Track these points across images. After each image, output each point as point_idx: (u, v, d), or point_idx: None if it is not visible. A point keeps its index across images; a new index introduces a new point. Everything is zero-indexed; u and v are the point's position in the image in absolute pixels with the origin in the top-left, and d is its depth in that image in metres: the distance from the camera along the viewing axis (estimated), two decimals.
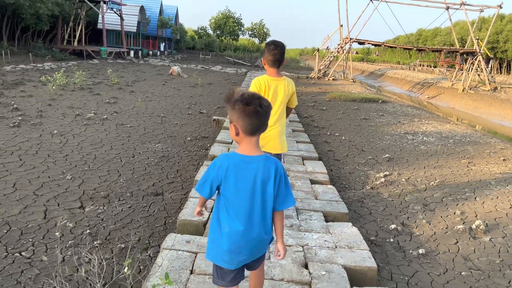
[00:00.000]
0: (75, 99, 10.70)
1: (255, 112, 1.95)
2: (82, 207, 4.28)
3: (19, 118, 7.88)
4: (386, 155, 7.26)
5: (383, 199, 5.21)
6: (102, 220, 4.01)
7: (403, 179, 5.99)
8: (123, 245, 3.51)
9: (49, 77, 11.63)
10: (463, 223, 4.52)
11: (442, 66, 43.51)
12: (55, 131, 7.14)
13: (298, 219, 3.90)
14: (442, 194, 5.45)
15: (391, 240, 4.02)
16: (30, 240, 3.51)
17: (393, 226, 4.28)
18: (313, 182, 5.12)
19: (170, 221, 4.11)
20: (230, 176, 2.00)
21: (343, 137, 8.75)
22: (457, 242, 4.09)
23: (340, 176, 6.06)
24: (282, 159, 3.68)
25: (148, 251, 3.50)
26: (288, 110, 3.71)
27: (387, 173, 6.23)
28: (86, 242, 3.53)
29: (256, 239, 2.07)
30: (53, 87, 11.26)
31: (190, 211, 3.84)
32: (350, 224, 3.85)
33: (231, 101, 2.00)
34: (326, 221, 3.98)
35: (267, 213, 2.07)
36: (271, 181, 2.02)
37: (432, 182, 5.91)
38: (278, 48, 3.37)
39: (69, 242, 3.48)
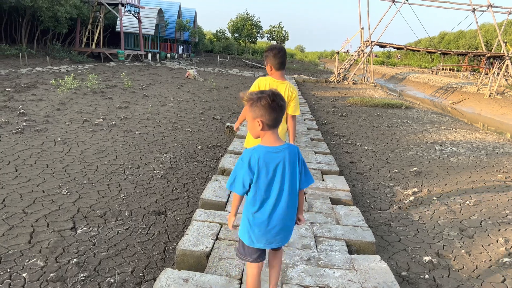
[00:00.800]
0: (86, 103, 10.37)
1: (280, 107, 2.18)
2: (74, 228, 3.82)
3: (24, 123, 7.55)
4: (414, 168, 6.64)
5: (413, 221, 4.61)
6: (94, 245, 3.53)
7: (434, 198, 5.37)
8: (112, 280, 3.02)
9: (61, 80, 11.34)
10: (509, 255, 3.89)
11: (466, 70, 42.19)
12: (59, 138, 6.75)
13: (317, 250, 3.35)
14: (480, 217, 4.81)
15: (426, 276, 3.43)
16: (8, 270, 3.06)
17: (427, 257, 3.68)
18: (334, 201, 4.56)
19: (170, 247, 3.61)
20: (262, 166, 2.17)
21: (365, 147, 8.14)
22: (505, 280, 3.48)
23: (364, 193, 5.47)
24: None
25: (141, 287, 3.00)
26: (291, 119, 3.66)
27: (415, 190, 5.61)
28: (71, 274, 3.06)
29: (282, 224, 2.26)
30: (65, 90, 10.96)
31: (192, 239, 3.33)
32: (378, 257, 3.28)
33: (253, 99, 2.19)
34: (350, 252, 3.42)
35: (296, 194, 2.29)
36: (296, 165, 2.25)
37: (468, 202, 5.27)
38: (282, 51, 3.52)
39: (51, 274, 3.01)
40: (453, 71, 48.10)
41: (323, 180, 5.27)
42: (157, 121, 9.03)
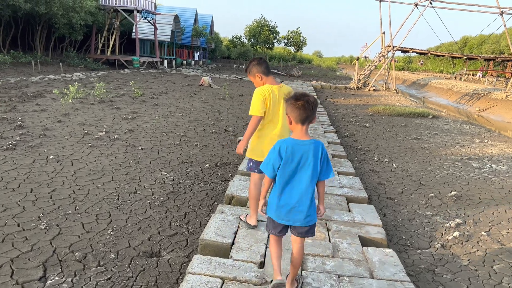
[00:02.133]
0: (91, 114, 9.77)
1: (303, 106, 2.53)
2: (44, 277, 3.10)
3: (18, 138, 6.94)
4: (452, 192, 5.74)
5: (462, 267, 3.74)
6: None
7: (483, 232, 4.48)
8: None
9: (65, 90, 10.78)
10: None
11: (492, 75, 40.63)
12: (51, 156, 6.09)
13: None
14: None
15: None
16: None
17: None
18: (364, 242, 3.73)
19: None
20: (289, 155, 2.56)
21: (393, 164, 7.26)
22: None
23: (397, 226, 4.62)
24: None
25: None
26: None
27: (459, 221, 4.73)
28: None
29: (300, 207, 2.59)
30: (69, 100, 10.39)
31: None
32: None
33: (287, 99, 2.64)
34: None
35: (314, 184, 2.61)
36: (318, 159, 2.58)
37: None
38: (261, 58, 3.79)
39: None
40: (475, 76, 46.46)
41: (349, 210, 4.43)
42: (164, 134, 8.33)
